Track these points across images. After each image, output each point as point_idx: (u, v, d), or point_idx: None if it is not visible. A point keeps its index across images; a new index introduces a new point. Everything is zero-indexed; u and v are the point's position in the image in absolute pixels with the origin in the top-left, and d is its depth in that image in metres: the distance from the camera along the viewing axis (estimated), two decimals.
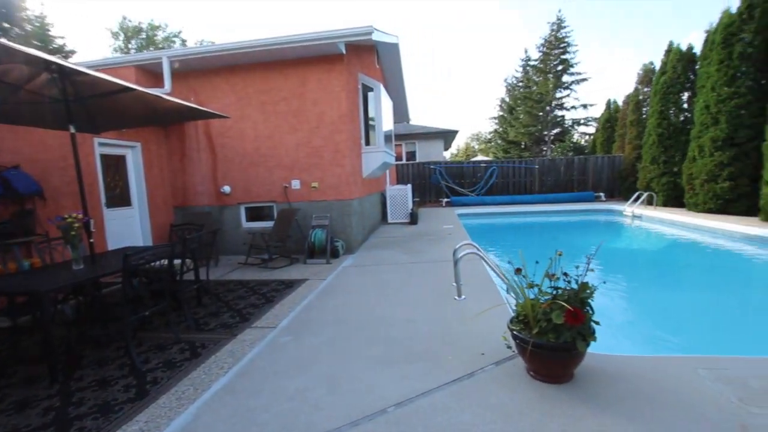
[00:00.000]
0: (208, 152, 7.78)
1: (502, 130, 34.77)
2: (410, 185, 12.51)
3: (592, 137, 24.94)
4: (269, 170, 7.59)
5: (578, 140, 30.67)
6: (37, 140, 5.50)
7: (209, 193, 7.86)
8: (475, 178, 17.64)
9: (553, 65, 28.98)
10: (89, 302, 4.22)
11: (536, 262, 2.84)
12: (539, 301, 2.71)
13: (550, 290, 2.73)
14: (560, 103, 29.33)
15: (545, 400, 2.46)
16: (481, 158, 35.66)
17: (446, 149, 26.36)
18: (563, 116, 29.60)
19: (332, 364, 3.10)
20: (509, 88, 34.10)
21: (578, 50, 30.04)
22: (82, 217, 3.84)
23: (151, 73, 7.61)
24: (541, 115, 29.19)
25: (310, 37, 6.61)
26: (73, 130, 4.01)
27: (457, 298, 4.45)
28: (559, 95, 29.07)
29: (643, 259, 8.38)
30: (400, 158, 21.47)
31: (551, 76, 28.82)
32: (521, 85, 32.09)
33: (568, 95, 29.18)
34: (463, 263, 4.46)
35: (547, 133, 29.38)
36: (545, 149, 29.83)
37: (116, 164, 6.85)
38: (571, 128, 30.23)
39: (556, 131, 29.84)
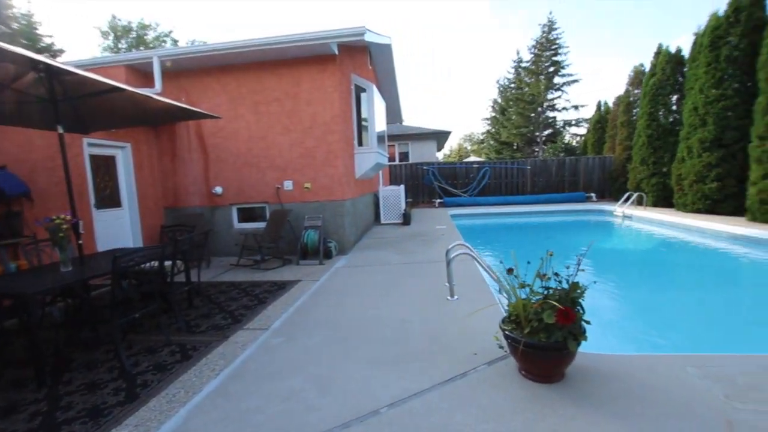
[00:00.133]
0: (199, 153, 7.72)
1: (494, 131, 34.95)
2: (403, 186, 12.54)
3: (583, 138, 25.21)
4: (262, 171, 7.55)
5: (569, 141, 30.96)
6: (24, 140, 5.41)
7: (201, 193, 7.80)
8: (467, 178, 17.72)
9: (544, 67, 29.21)
10: (78, 305, 4.15)
11: (528, 262, 2.86)
12: (531, 301, 2.73)
13: (541, 290, 2.75)
14: (552, 104, 29.57)
15: (537, 399, 2.48)
16: (473, 159, 35.87)
17: (439, 150, 26.45)
18: (555, 117, 29.85)
19: (325, 365, 3.09)
20: (501, 89, 34.30)
21: (569, 52, 30.27)
22: (70, 218, 3.79)
23: (141, 72, 7.53)
24: (532, 116, 29.41)
25: (302, 37, 6.59)
26: (61, 130, 3.96)
27: (449, 298, 4.46)
28: (550, 96, 29.31)
29: (633, 258, 8.48)
30: (393, 159, 21.49)
31: (543, 77, 29.05)
32: (513, 86, 32.29)
33: (559, 96, 29.44)
34: (455, 264, 4.48)
35: (538, 134, 29.61)
36: (537, 150, 30.05)
37: (106, 165, 6.76)
38: (562, 129, 30.50)
39: (547, 132, 30.07)
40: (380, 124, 9.69)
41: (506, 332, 2.75)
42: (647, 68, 14.04)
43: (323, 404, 2.55)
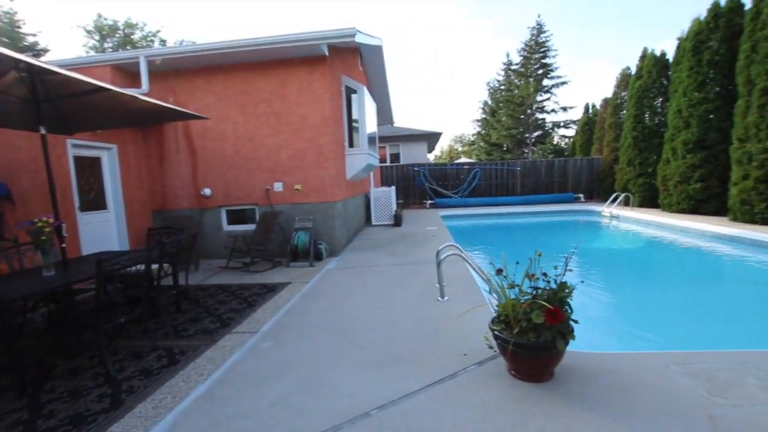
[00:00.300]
0: (187, 154, 7.63)
1: (484, 132, 35.22)
2: (394, 187, 12.55)
3: (571, 140, 25.53)
4: (251, 172, 7.49)
5: (558, 143, 31.35)
6: (4, 141, 5.28)
7: (189, 196, 7.71)
8: (458, 179, 17.83)
9: (533, 69, 29.54)
10: (61, 310, 4.06)
11: (516, 262, 2.88)
12: (520, 301, 2.75)
13: (530, 290, 2.77)
14: (541, 106, 29.89)
15: (526, 398, 2.49)
16: (464, 160, 36.09)
17: (430, 151, 26.57)
18: (544, 119, 30.18)
19: (315, 368, 3.07)
20: (491, 91, 34.60)
21: (558, 55, 30.77)
22: (53, 221, 3.71)
23: (127, 72, 7.42)
24: (522, 117, 29.69)
25: (291, 38, 6.56)
26: (43, 131, 3.88)
27: (440, 299, 4.47)
28: (539, 98, 29.62)
29: (620, 258, 8.61)
30: (384, 160, 21.52)
31: (532, 79, 29.36)
32: (503, 88, 32.58)
33: (548, 98, 29.78)
34: (446, 265, 4.50)
35: (528, 135, 29.90)
36: (527, 151, 30.35)
37: (91, 166, 6.64)
38: (551, 131, 30.85)
39: (537, 134, 30.38)
40: (371, 125, 9.69)
41: (496, 332, 2.77)
42: (633, 71, 14.29)
43: (313, 407, 2.53)
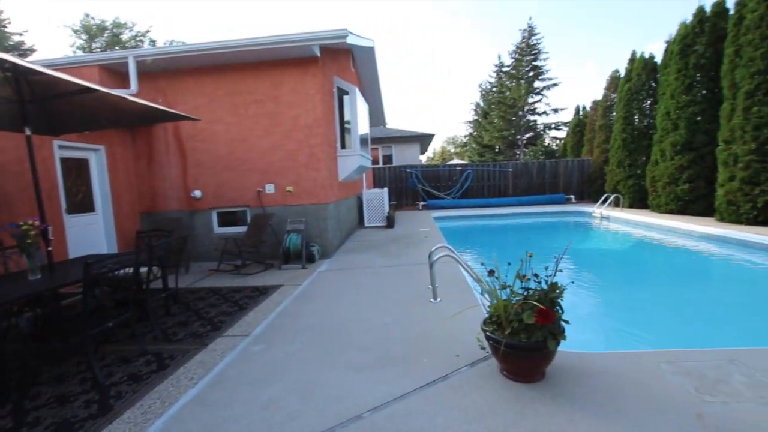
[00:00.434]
0: (177, 155, 7.54)
1: (476, 134, 35.45)
2: (387, 189, 12.54)
3: (562, 141, 25.77)
4: (242, 174, 7.43)
5: (549, 144, 31.62)
6: None
7: (179, 197, 7.62)
8: (450, 181, 17.89)
9: (525, 71, 29.81)
10: (47, 314, 3.98)
11: (508, 263, 2.89)
12: (511, 302, 2.76)
13: (521, 291, 2.78)
14: (532, 108, 30.17)
15: (518, 399, 2.50)
16: (456, 162, 36.21)
17: (423, 153, 26.64)
18: (535, 121, 30.45)
19: (307, 371, 3.05)
20: (483, 93, 34.87)
21: (549, 57, 31.08)
22: (39, 224, 3.64)
23: (116, 73, 7.32)
24: (514, 119, 29.92)
25: (283, 39, 6.53)
26: (28, 132, 3.81)
27: (432, 300, 4.47)
28: (531, 100, 29.90)
29: (611, 258, 8.70)
30: (376, 162, 21.51)
31: (523, 81, 29.63)
32: (495, 90, 32.84)
33: (539, 100, 30.08)
34: (438, 266, 4.50)
35: (520, 137, 30.13)
36: (518, 153, 30.58)
37: (78, 168, 6.53)
38: (542, 132, 31.13)
39: (528, 135, 30.64)
40: (363, 126, 9.69)
41: (487, 333, 2.77)
42: (623, 74, 14.48)
43: (304, 411, 2.51)
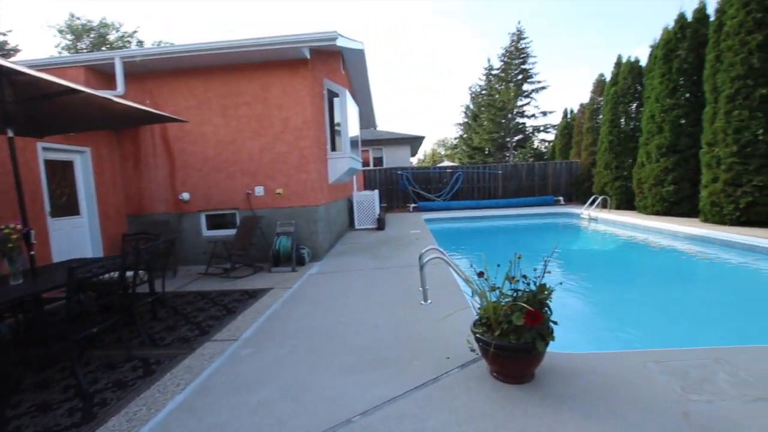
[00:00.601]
0: (165, 157, 7.44)
1: (467, 136, 35.68)
2: (377, 191, 12.54)
3: (551, 144, 26.10)
4: (231, 176, 7.37)
5: (538, 147, 32.01)
6: None
7: (166, 200, 7.52)
8: (441, 183, 17.97)
9: (513, 74, 30.14)
10: (29, 320, 3.89)
11: (497, 265, 2.91)
12: (500, 303, 2.77)
13: (510, 293, 2.80)
14: (521, 110, 30.51)
15: (508, 400, 2.51)
16: (447, 164, 36.41)
17: (413, 155, 26.72)
18: (524, 123, 30.81)
19: (297, 375, 3.02)
20: (473, 95, 35.14)
21: (537, 61, 31.52)
22: (21, 227, 3.56)
23: (102, 74, 7.21)
24: (503, 122, 30.21)
25: (273, 41, 6.50)
26: (11, 133, 3.73)
27: (423, 302, 4.47)
28: (520, 103, 30.23)
29: (599, 259, 8.82)
30: (367, 164, 21.51)
31: (512, 84, 29.94)
32: (485, 93, 33.12)
33: (528, 103, 30.44)
34: (429, 268, 4.50)
35: (509, 139, 30.43)
36: (508, 155, 30.86)
37: (63, 170, 6.41)
38: (531, 135, 31.50)
39: (517, 138, 30.96)
40: (354, 129, 9.68)
41: (477, 335, 2.78)
42: (608, 77, 14.73)
43: (294, 415, 2.49)
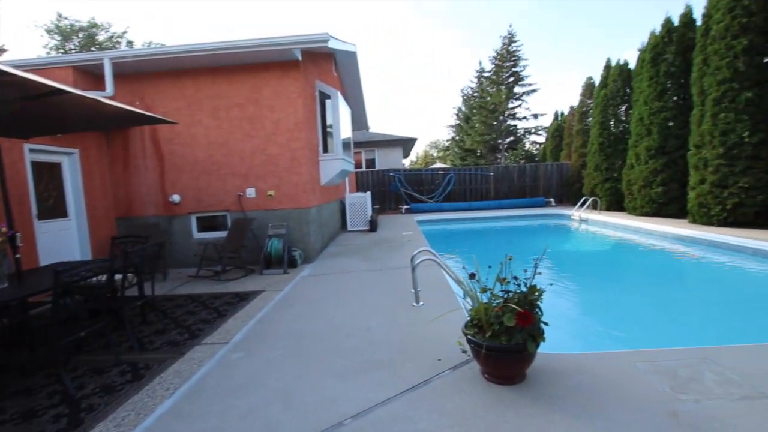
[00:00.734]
0: (155, 159, 7.37)
1: (459, 138, 35.88)
2: (370, 193, 12.54)
3: (542, 146, 26.34)
4: (222, 178, 7.31)
5: (530, 149, 32.29)
6: None
7: (156, 202, 7.43)
8: (433, 185, 18.03)
9: (505, 77, 30.38)
10: (15, 325, 3.81)
11: (488, 266, 2.92)
12: (492, 304, 2.78)
13: (501, 294, 2.81)
14: (513, 113, 30.74)
15: (499, 401, 2.52)
16: (439, 165, 36.53)
17: (405, 157, 26.75)
18: (516, 125, 31.04)
19: (288, 378, 3.00)
20: (465, 98, 35.35)
21: (528, 64, 31.87)
22: (6, 230, 3.50)
23: (91, 75, 7.12)
24: (495, 124, 30.41)
25: (264, 42, 6.48)
26: None
27: (415, 304, 4.48)
28: (511, 106, 30.47)
29: (589, 259, 8.90)
30: (359, 166, 21.50)
31: (504, 87, 30.17)
32: (476, 95, 33.34)
33: (519, 106, 30.68)
34: (421, 269, 4.51)
35: (501, 141, 30.64)
36: (500, 157, 31.06)
37: (50, 172, 6.31)
38: (523, 137, 31.75)
39: (509, 140, 31.19)
40: (346, 130, 9.67)
41: (469, 336, 2.79)
42: (597, 81, 14.92)
43: (285, 419, 2.47)
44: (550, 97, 62.09)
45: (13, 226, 3.79)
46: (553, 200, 17.48)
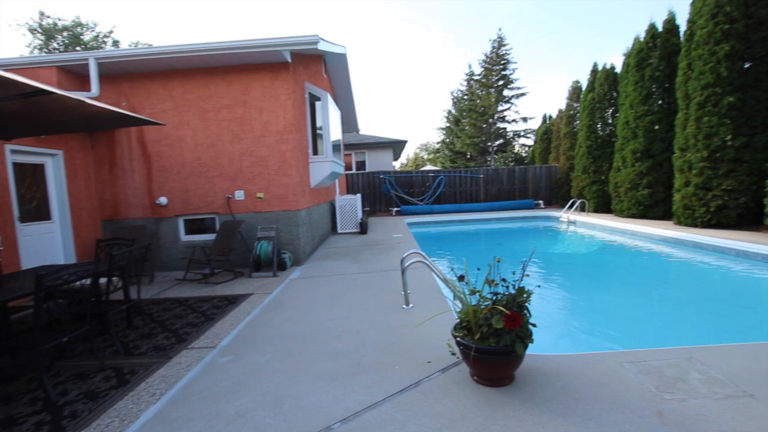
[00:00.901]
0: (141, 161, 7.26)
1: (449, 140, 36.04)
2: (360, 195, 12.53)
3: (531, 148, 26.62)
4: (211, 180, 7.23)
5: (519, 151, 32.62)
6: None
7: (143, 204, 7.32)
8: (423, 187, 18.08)
9: (494, 80, 30.66)
10: None
11: (477, 269, 2.94)
12: (480, 307, 2.79)
13: (490, 296, 2.83)
14: (502, 116, 31.02)
15: (488, 403, 2.53)
16: (429, 168, 36.69)
17: (396, 159, 26.78)
18: (505, 128, 31.31)
19: (276, 382, 2.97)
20: (455, 100, 35.54)
21: (518, 67, 32.19)
22: None
23: (76, 75, 7.00)
24: (485, 126, 30.65)
25: (253, 43, 6.44)
26: None
27: (404, 307, 4.48)
28: (500, 108, 30.74)
29: (577, 261, 8.99)
30: (350, 168, 21.47)
31: (493, 90, 30.44)
32: (466, 98, 33.56)
33: (508, 108, 30.98)
34: (411, 272, 4.52)
35: (490, 144, 30.87)
36: (489, 159, 31.30)
37: (33, 174, 6.17)
38: (512, 140, 32.03)
39: (499, 142, 31.45)
40: (336, 133, 9.66)
41: (458, 339, 2.80)
42: (584, 84, 15.14)
43: (273, 424, 2.44)
44: (538, 100, 62.86)
45: None
46: (542, 202, 17.67)
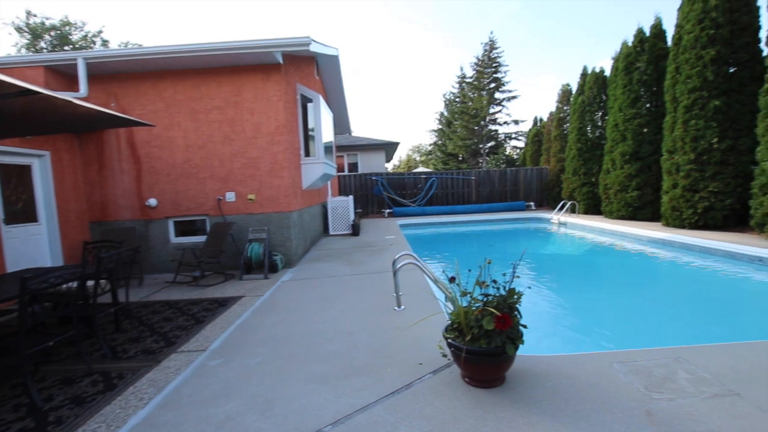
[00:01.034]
0: (131, 162, 7.16)
1: (441, 142, 36.22)
2: (352, 197, 12.52)
3: (522, 151, 26.84)
4: (201, 182, 7.17)
5: (510, 153, 32.88)
6: None
7: (132, 206, 7.22)
8: (416, 189, 18.12)
9: (486, 83, 30.89)
10: None
11: (468, 270, 2.94)
12: (471, 308, 2.80)
13: (481, 297, 2.84)
14: (494, 118, 31.27)
15: (479, 405, 2.53)
16: (421, 170, 36.76)
17: (388, 161, 26.85)
18: (497, 131, 31.56)
19: (266, 385, 2.95)
20: (447, 102, 35.76)
21: (509, 71, 32.50)
22: None
23: (64, 75, 6.90)
24: (476, 129, 30.85)
25: (245, 44, 6.40)
26: None
27: (396, 308, 4.47)
28: (492, 111, 30.99)
29: (567, 262, 9.08)
30: (342, 170, 21.46)
31: (485, 93, 30.68)
32: (458, 100, 33.78)
33: (500, 111, 31.24)
34: (403, 273, 4.52)
35: (482, 146, 31.08)
36: (481, 161, 31.50)
37: (19, 175, 6.06)
38: (504, 142, 32.30)
39: (490, 144, 31.67)
40: (328, 134, 9.63)
41: (449, 340, 2.80)
42: (573, 87, 15.32)
43: (263, 428, 2.42)
44: (529, 101, 63.46)
45: None
46: (533, 204, 17.82)
